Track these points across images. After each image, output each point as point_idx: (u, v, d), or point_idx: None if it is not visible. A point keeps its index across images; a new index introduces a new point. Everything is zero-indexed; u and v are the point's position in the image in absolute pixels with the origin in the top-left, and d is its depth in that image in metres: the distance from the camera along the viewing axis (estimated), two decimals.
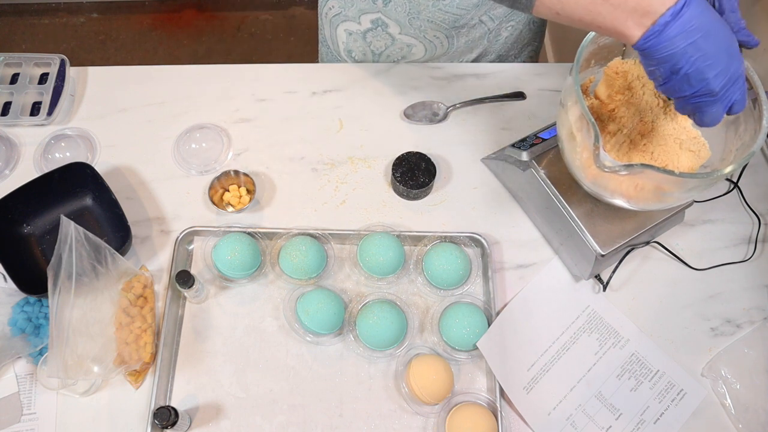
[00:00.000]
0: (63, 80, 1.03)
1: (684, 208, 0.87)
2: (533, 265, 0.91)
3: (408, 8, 0.96)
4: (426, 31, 1.01)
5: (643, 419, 0.81)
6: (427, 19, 0.98)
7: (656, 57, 0.54)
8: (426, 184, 0.93)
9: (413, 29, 1.00)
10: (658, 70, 0.56)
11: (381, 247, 0.86)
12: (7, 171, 0.97)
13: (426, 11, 0.96)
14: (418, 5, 0.95)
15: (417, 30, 1.00)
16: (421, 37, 1.02)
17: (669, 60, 0.54)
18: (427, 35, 1.02)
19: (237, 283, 0.88)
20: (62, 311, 0.76)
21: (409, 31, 1.01)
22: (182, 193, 0.96)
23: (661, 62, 0.55)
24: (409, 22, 0.99)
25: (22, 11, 2.34)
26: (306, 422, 0.80)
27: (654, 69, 0.56)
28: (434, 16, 0.97)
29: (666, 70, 0.55)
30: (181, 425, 0.75)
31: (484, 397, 0.81)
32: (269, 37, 2.34)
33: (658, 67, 0.55)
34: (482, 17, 1.01)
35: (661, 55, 0.54)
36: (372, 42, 1.06)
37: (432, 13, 0.97)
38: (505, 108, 1.05)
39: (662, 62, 0.54)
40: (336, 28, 1.07)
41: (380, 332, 0.81)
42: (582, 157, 0.73)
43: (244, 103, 1.05)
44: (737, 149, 0.72)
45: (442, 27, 1.00)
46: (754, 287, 0.91)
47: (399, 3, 0.96)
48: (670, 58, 0.54)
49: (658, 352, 0.85)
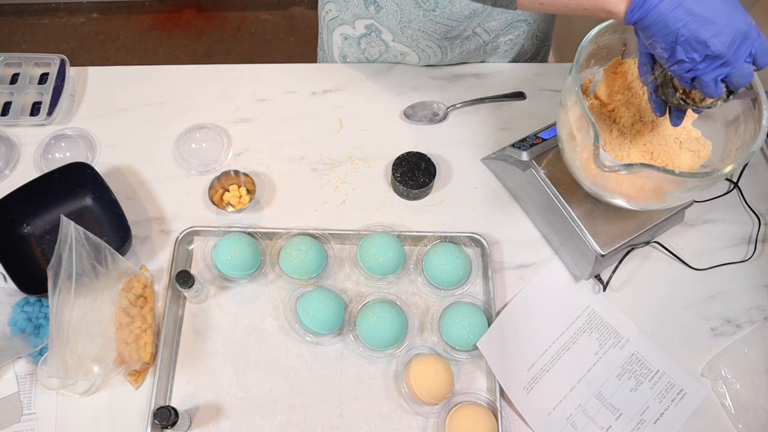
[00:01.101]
0: (63, 80, 1.03)
1: (684, 208, 0.87)
2: (533, 265, 0.91)
3: (399, 16, 0.95)
4: (418, 41, 1.00)
5: (643, 419, 0.81)
6: (418, 28, 0.97)
7: (650, 27, 0.52)
8: (426, 184, 0.93)
9: (405, 38, 1.00)
10: (658, 44, 0.54)
11: (381, 247, 0.86)
12: (7, 171, 0.97)
13: (417, 20, 0.96)
14: (408, 14, 0.95)
15: (409, 39, 1.00)
16: (414, 46, 1.02)
17: (662, 27, 0.52)
18: (419, 44, 1.01)
19: (237, 283, 0.88)
20: (62, 311, 0.76)
21: (402, 39, 1.00)
22: (182, 193, 0.96)
23: (656, 32, 0.53)
24: (401, 31, 0.98)
25: (22, 11, 2.34)
26: (306, 422, 0.80)
27: (653, 42, 0.54)
28: (425, 26, 0.97)
29: (665, 42, 0.53)
30: (181, 425, 0.75)
31: (484, 397, 0.81)
32: (269, 37, 2.34)
33: (655, 39, 0.54)
34: (476, 29, 0.99)
35: (653, 23, 0.52)
36: (366, 48, 1.05)
37: (423, 23, 0.96)
38: (505, 108, 1.05)
39: (657, 32, 0.53)
40: (332, 32, 1.07)
41: (380, 332, 0.81)
42: (582, 157, 0.73)
43: (244, 103, 1.05)
44: (737, 149, 0.72)
45: (433, 37, 0.99)
46: (754, 287, 0.91)
47: (390, 11, 0.95)
48: (661, 24, 0.52)
49: (658, 352, 0.85)
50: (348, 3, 0.98)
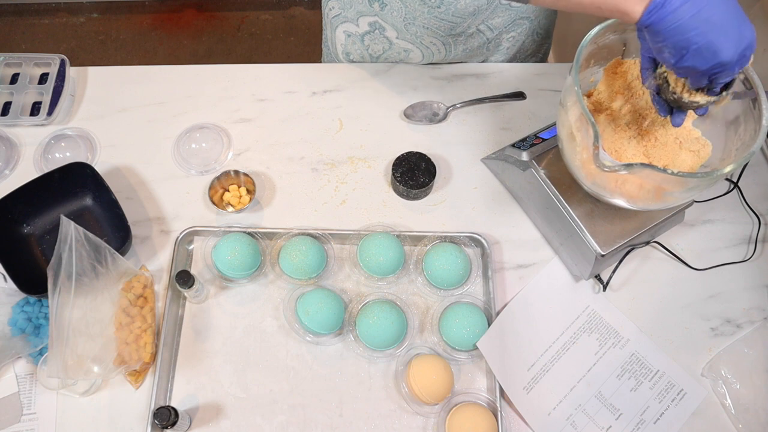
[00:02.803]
0: (63, 80, 1.03)
1: (684, 208, 0.87)
2: (533, 265, 0.91)
3: (404, 13, 0.96)
4: (422, 37, 1.00)
5: (643, 419, 0.81)
6: (422, 25, 0.97)
7: (663, 32, 0.51)
8: (426, 184, 0.93)
9: (409, 34, 1.00)
10: (667, 48, 0.53)
11: (381, 247, 0.86)
12: (7, 171, 0.97)
13: (421, 17, 0.96)
14: (413, 11, 0.95)
15: (413, 35, 1.00)
16: (418, 43, 1.02)
17: (676, 34, 0.51)
18: (423, 41, 1.01)
19: (237, 283, 0.88)
20: (62, 311, 0.76)
21: (406, 36, 1.01)
22: (182, 193, 0.96)
23: (668, 37, 0.52)
24: (405, 27, 0.99)
25: (22, 11, 2.34)
26: (306, 422, 0.80)
27: (662, 46, 0.53)
28: (430, 22, 0.97)
29: (675, 47, 0.52)
30: (181, 425, 0.75)
31: (484, 397, 0.81)
32: (269, 37, 2.34)
33: (666, 43, 0.52)
34: (480, 26, 1.00)
35: (668, 28, 0.51)
36: (370, 45, 1.05)
37: (427, 20, 0.96)
38: (505, 108, 1.05)
39: (669, 37, 0.52)
40: (335, 30, 1.07)
41: (380, 332, 0.81)
42: (582, 157, 0.73)
43: (244, 103, 1.05)
44: (737, 149, 0.72)
45: (438, 34, 0.99)
46: (754, 287, 0.91)
47: (395, 8, 0.96)
48: (677, 31, 0.50)
49: (658, 352, 0.85)
50: (352, 0, 0.98)
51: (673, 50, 0.53)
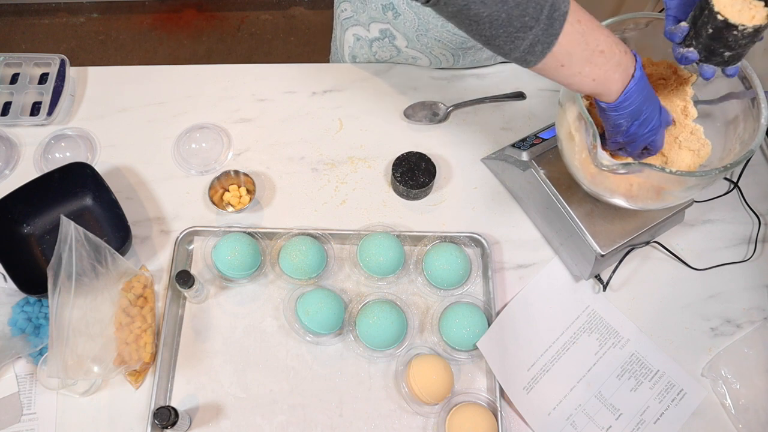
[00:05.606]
0: (63, 80, 1.03)
1: (684, 207, 0.87)
2: (533, 265, 0.91)
3: (417, 24, 0.96)
4: (432, 48, 1.00)
5: (643, 419, 0.81)
6: (434, 37, 0.98)
7: (626, 110, 0.63)
8: (426, 184, 0.93)
9: (420, 45, 1.00)
10: (625, 122, 0.64)
11: (381, 247, 0.86)
12: (7, 171, 0.97)
13: (434, 30, 0.96)
14: (426, 23, 0.95)
15: (423, 46, 1.00)
16: (427, 53, 1.02)
17: (634, 111, 0.63)
18: (433, 51, 1.01)
19: (237, 283, 0.88)
20: (62, 311, 0.76)
21: (416, 45, 1.01)
22: (182, 193, 0.96)
23: (627, 114, 0.64)
24: (417, 38, 0.99)
25: (22, 11, 2.34)
26: (306, 422, 0.80)
27: (622, 121, 0.64)
28: (442, 35, 0.97)
29: (630, 120, 0.64)
30: (181, 425, 0.75)
31: (484, 397, 0.81)
32: (269, 37, 2.34)
33: (625, 119, 0.64)
34: None
35: (630, 108, 0.63)
36: (377, 52, 1.05)
37: (440, 33, 0.96)
38: (505, 108, 1.05)
39: (628, 114, 0.64)
40: (345, 31, 1.06)
41: (380, 332, 0.81)
42: (581, 157, 0.73)
43: (244, 103, 1.05)
44: (737, 148, 0.72)
45: (448, 46, 0.99)
46: (754, 287, 0.91)
47: (408, 18, 0.95)
48: (635, 110, 0.63)
49: (658, 352, 0.85)
50: (365, 5, 0.98)
51: (627, 123, 0.65)
